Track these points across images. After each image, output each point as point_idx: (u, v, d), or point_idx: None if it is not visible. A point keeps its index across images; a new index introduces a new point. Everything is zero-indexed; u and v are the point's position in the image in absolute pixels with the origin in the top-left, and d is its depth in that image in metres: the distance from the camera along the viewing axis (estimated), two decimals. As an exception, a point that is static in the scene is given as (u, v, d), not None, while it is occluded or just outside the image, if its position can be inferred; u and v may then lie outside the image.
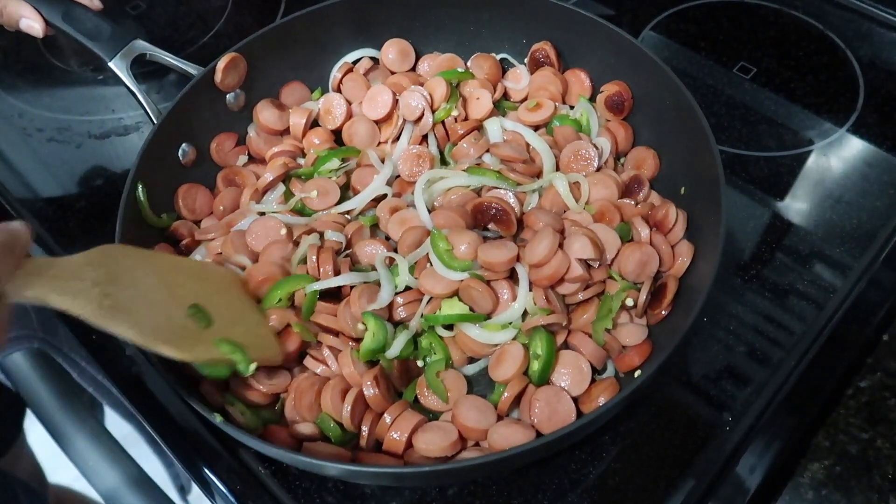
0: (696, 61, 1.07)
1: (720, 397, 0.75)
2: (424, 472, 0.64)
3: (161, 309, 0.62)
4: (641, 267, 0.75)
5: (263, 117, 0.91)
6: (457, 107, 0.89)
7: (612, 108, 0.89)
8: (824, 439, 0.72)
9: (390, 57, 0.97)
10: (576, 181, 0.82)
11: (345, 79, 0.96)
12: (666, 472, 0.70)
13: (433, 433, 0.67)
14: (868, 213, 0.89)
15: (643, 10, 1.14)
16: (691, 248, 0.75)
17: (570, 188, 0.81)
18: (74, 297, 0.54)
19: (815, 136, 0.97)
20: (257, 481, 0.71)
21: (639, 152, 0.86)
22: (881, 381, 0.75)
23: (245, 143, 0.94)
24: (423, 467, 0.65)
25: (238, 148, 0.93)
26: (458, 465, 0.64)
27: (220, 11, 1.20)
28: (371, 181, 0.84)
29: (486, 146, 0.85)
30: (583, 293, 0.75)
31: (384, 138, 0.91)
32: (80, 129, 1.05)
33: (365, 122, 0.91)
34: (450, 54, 0.96)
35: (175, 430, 0.74)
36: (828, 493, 0.69)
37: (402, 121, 0.89)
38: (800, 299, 0.82)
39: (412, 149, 0.87)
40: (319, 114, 0.94)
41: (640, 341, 0.72)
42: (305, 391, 0.70)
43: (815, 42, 1.09)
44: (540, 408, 0.69)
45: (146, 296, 0.61)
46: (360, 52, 0.99)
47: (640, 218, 0.78)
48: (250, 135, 0.93)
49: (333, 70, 0.97)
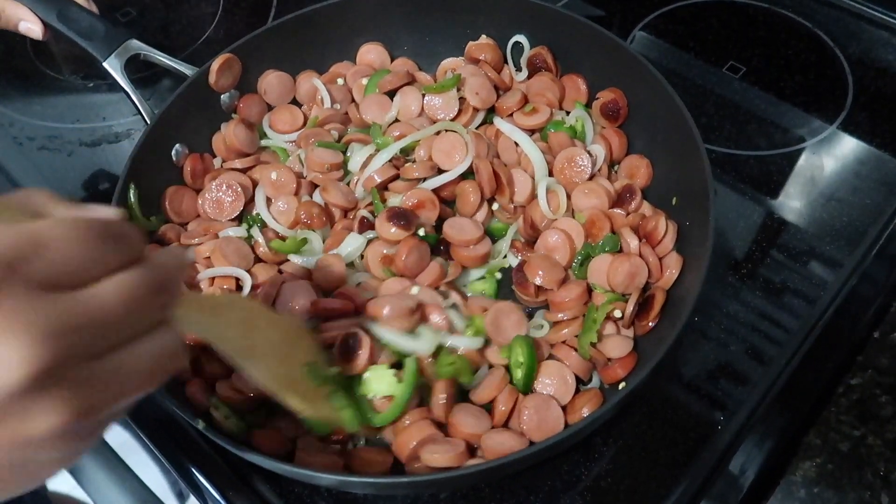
0: (685, 61, 1.07)
1: (712, 396, 0.75)
2: (420, 481, 0.64)
3: (285, 361, 0.61)
4: (630, 278, 0.75)
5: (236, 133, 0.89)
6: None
7: (607, 115, 0.89)
8: (816, 437, 0.72)
9: (370, 57, 0.97)
10: (553, 189, 0.82)
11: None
12: (659, 472, 0.71)
13: (440, 445, 0.66)
14: (858, 210, 0.89)
15: (633, 10, 1.15)
16: (680, 260, 0.75)
17: (549, 197, 0.81)
18: (222, 333, 0.52)
19: (805, 134, 0.98)
20: (250, 487, 0.71)
21: (632, 161, 0.86)
22: (872, 379, 0.75)
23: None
24: (419, 477, 0.65)
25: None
26: (453, 475, 0.63)
27: (211, 18, 1.20)
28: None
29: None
30: (565, 313, 0.75)
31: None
32: (72, 136, 1.05)
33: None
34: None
35: (167, 436, 0.74)
36: (820, 491, 0.69)
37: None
38: (791, 297, 0.82)
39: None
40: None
41: (625, 354, 0.72)
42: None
43: (803, 40, 1.09)
44: (529, 415, 0.68)
45: (273, 346, 0.60)
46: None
47: (628, 229, 0.78)
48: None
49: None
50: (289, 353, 0.62)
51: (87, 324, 0.36)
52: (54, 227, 0.37)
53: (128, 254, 0.39)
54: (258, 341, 0.57)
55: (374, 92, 0.92)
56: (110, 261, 0.38)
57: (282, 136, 0.92)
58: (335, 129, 0.91)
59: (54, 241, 0.36)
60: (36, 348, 0.33)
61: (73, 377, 0.35)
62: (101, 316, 0.37)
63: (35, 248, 0.35)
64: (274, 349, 0.59)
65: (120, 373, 0.38)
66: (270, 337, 0.60)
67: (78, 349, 0.36)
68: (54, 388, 0.34)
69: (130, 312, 0.38)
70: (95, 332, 0.37)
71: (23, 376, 0.33)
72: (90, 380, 0.36)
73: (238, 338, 0.54)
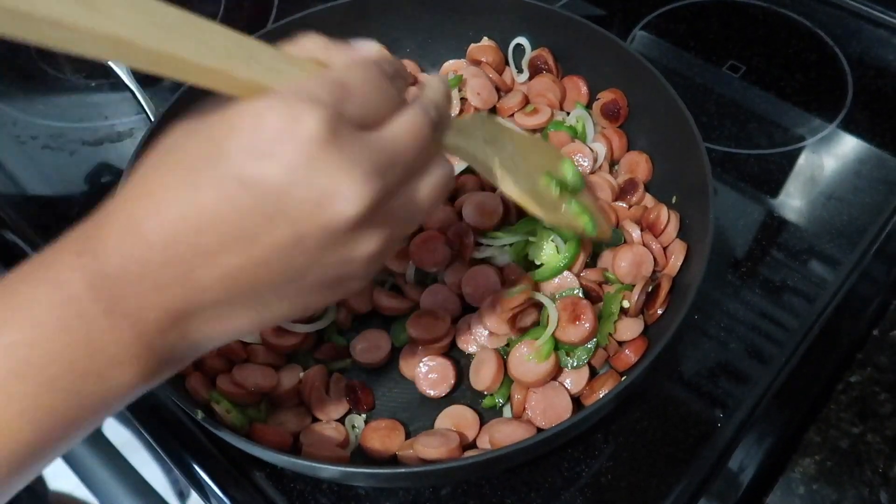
0: (686, 60, 1.08)
1: (712, 394, 0.75)
2: (424, 471, 0.63)
3: (528, 173, 0.64)
4: (636, 267, 0.75)
5: None
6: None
7: (607, 115, 0.89)
8: (815, 434, 0.72)
9: None
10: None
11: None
12: (659, 469, 0.71)
13: (433, 438, 0.67)
14: (858, 209, 0.89)
15: (634, 9, 1.15)
16: (684, 247, 0.75)
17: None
18: (475, 153, 0.55)
19: (805, 133, 0.98)
20: (252, 484, 0.71)
21: (632, 157, 0.87)
22: (871, 376, 0.76)
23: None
24: (423, 467, 0.65)
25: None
26: (456, 465, 0.63)
27: (212, 18, 1.20)
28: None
29: None
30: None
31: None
32: (74, 135, 1.05)
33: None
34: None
35: (169, 434, 0.75)
36: (819, 488, 0.69)
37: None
38: (791, 295, 0.82)
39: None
40: None
41: (636, 335, 0.72)
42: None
43: (803, 40, 1.09)
44: (536, 401, 0.69)
45: (514, 159, 0.62)
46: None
47: (628, 220, 0.79)
48: None
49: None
50: (531, 165, 0.65)
51: (396, 162, 0.40)
52: (351, 72, 0.40)
53: (404, 89, 0.44)
54: (504, 157, 0.59)
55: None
56: (396, 98, 0.42)
57: None
58: None
59: (357, 86, 0.40)
60: (366, 186, 0.38)
61: (385, 212, 0.41)
62: (403, 154, 0.41)
63: (346, 93, 0.39)
64: (516, 163, 0.61)
65: (411, 204, 0.43)
66: (513, 152, 0.62)
67: (391, 186, 0.40)
68: (375, 220, 0.40)
69: (420, 149, 0.42)
70: (400, 169, 0.41)
71: (358, 210, 0.38)
72: (394, 213, 0.42)
73: (488, 156, 0.56)
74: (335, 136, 0.37)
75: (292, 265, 0.40)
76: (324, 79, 0.39)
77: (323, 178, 0.37)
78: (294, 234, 0.38)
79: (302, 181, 0.37)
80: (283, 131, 0.37)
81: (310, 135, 0.36)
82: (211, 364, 0.71)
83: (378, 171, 0.39)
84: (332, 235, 0.39)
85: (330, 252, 0.40)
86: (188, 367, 0.70)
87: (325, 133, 0.37)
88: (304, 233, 0.38)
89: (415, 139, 0.42)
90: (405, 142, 0.41)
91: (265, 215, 0.37)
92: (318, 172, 0.37)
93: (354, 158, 0.38)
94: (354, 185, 0.38)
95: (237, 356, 0.73)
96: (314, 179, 0.37)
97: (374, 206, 0.39)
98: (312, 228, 0.38)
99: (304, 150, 0.36)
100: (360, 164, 0.38)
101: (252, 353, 0.74)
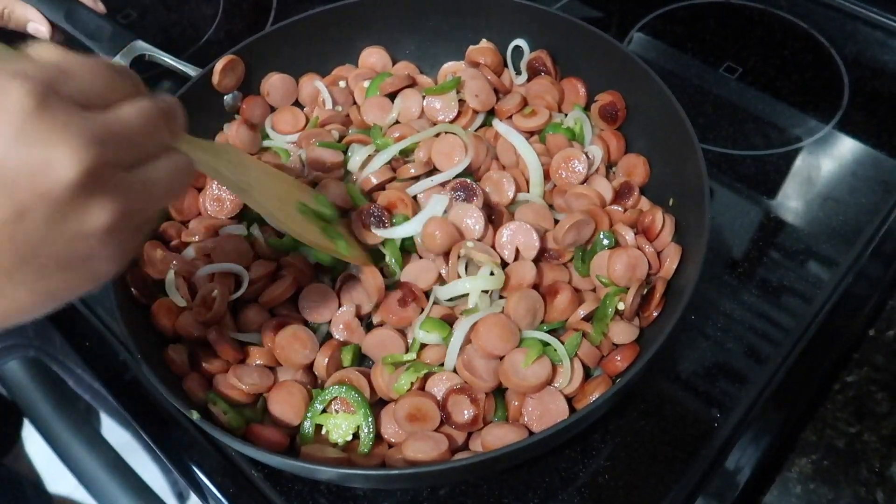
0: (683, 62, 1.08)
1: (709, 394, 0.76)
2: (421, 472, 0.64)
3: (278, 198, 0.69)
4: (631, 270, 0.75)
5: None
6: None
7: (605, 117, 0.89)
8: (812, 434, 0.73)
9: (372, 60, 0.98)
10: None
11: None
12: (656, 469, 0.71)
13: (423, 442, 0.67)
14: (854, 209, 0.90)
15: (631, 11, 1.15)
16: (679, 250, 0.75)
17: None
18: (219, 170, 0.59)
19: (802, 133, 0.98)
20: (251, 484, 0.72)
21: (629, 159, 0.87)
22: (868, 376, 0.76)
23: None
24: (420, 469, 0.65)
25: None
26: (453, 465, 0.64)
27: (211, 20, 1.21)
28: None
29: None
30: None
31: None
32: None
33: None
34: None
35: (168, 435, 0.75)
36: (815, 487, 0.70)
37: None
38: (788, 295, 0.83)
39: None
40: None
41: (630, 340, 0.73)
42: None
43: (799, 41, 1.10)
44: (533, 406, 0.69)
45: (264, 186, 0.68)
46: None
47: (622, 224, 0.79)
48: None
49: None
50: (281, 192, 0.71)
51: (118, 136, 0.42)
52: (70, 58, 0.43)
53: (135, 86, 0.46)
54: (251, 180, 0.65)
55: (376, 94, 0.93)
56: (124, 89, 0.45)
57: (284, 137, 0.93)
58: (336, 129, 0.92)
59: (77, 70, 0.42)
60: (82, 152, 0.39)
61: (114, 184, 0.42)
62: (128, 131, 0.43)
63: (62, 74, 0.41)
64: (266, 188, 0.68)
65: (147, 183, 0.45)
66: (262, 178, 0.68)
67: (113, 157, 0.41)
68: (102, 190, 0.41)
69: (148, 131, 0.45)
70: (125, 144, 0.43)
71: (76, 174, 0.39)
72: (126, 186, 0.43)
73: (233, 175, 0.61)
74: (45, 107, 0.38)
75: (20, 242, 0.39)
76: (39, 61, 0.41)
77: (38, 147, 0.38)
78: (15, 207, 0.38)
79: (13, 152, 0.37)
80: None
81: (18, 106, 0.37)
82: (208, 366, 0.72)
83: (97, 139, 0.40)
84: (56, 204, 0.39)
85: (59, 225, 0.40)
86: (186, 368, 0.71)
87: (34, 104, 0.38)
88: (25, 205, 0.38)
89: (142, 122, 0.44)
90: (131, 120, 0.43)
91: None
92: (32, 141, 0.37)
93: (70, 128, 0.39)
94: (69, 151, 0.38)
95: (233, 357, 0.73)
96: (28, 149, 0.37)
97: (93, 172, 0.39)
98: (33, 198, 0.38)
99: (13, 120, 0.37)
100: (77, 133, 0.39)
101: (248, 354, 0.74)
